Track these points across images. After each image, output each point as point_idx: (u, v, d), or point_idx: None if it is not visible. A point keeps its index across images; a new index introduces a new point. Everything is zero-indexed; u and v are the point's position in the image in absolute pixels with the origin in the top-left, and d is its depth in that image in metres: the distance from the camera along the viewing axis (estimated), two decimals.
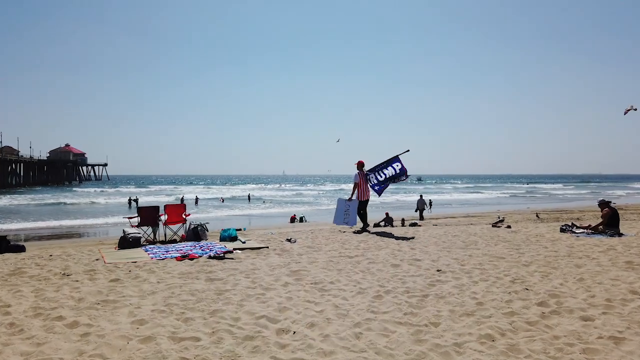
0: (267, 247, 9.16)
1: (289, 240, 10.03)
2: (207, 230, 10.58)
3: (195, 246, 9.32)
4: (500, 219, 17.91)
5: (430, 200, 36.08)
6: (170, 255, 8.28)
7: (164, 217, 10.41)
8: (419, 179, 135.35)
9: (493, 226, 12.98)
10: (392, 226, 20.86)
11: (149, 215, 10.11)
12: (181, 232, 10.62)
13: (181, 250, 8.77)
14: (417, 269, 7.00)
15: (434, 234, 11.22)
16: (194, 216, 30.41)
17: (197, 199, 48.98)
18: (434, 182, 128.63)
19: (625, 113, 16.89)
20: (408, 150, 13.07)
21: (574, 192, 70.81)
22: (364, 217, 12.52)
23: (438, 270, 6.84)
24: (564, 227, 11.28)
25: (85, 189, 71.63)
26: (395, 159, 13.09)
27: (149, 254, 8.37)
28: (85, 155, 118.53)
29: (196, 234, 10.24)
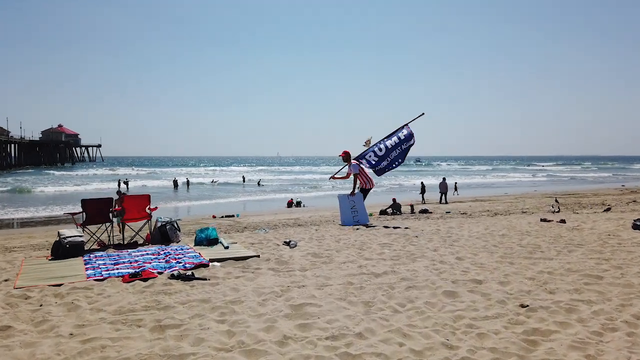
0: (258, 256, 6.66)
1: (287, 243, 7.53)
2: (179, 230, 8.06)
3: (159, 253, 6.81)
4: (555, 209, 15.37)
5: (455, 183, 34.77)
6: (117, 271, 5.77)
7: (121, 212, 7.86)
8: (418, 161, 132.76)
9: (542, 220, 10.47)
10: (401, 213, 18.47)
11: (98, 211, 7.56)
12: (146, 231, 8.11)
13: (135, 262, 6.25)
14: (485, 302, 4.53)
15: (475, 232, 8.74)
16: (178, 204, 27.78)
17: (187, 181, 46.19)
18: (454, 163, 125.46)
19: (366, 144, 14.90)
20: (423, 114, 11.07)
21: (598, 174, 66.80)
22: None
23: (523, 306, 4.36)
24: (639, 223, 8.85)
25: (72, 172, 67.60)
26: (403, 127, 11.11)
27: (87, 270, 5.86)
28: (79, 136, 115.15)
29: (164, 234, 7.73)
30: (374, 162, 11.12)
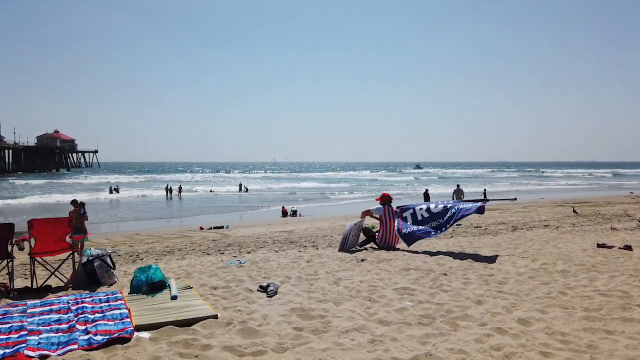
0: (216, 317, 4.38)
1: (264, 288, 5.26)
2: (114, 267, 5.77)
3: (69, 309, 4.55)
4: None
5: (485, 189, 34.01)
6: None
7: (29, 243, 5.60)
8: (418, 166, 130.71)
9: (599, 246, 8.17)
10: None
11: None
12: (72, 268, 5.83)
13: (19, 330, 3.99)
14: None
15: (522, 268, 6.43)
16: (168, 214, 25.10)
17: (180, 188, 43.57)
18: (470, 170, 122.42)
19: None
20: (515, 199, 10.45)
21: (629, 182, 62.12)
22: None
23: None
24: None
25: (56, 180, 63.47)
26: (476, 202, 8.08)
27: None
28: (75, 142, 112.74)
29: (90, 273, 5.46)
30: (408, 228, 8.32)
